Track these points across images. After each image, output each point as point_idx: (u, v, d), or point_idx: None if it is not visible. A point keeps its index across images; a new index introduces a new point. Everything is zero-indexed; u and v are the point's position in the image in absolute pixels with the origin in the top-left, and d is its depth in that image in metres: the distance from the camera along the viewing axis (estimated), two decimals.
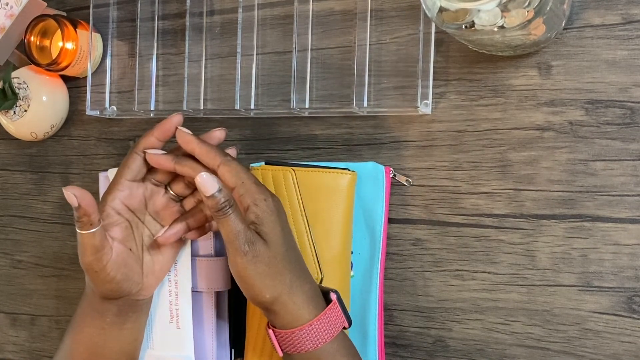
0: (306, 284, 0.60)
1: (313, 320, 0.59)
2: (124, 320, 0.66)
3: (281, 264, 0.59)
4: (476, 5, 0.52)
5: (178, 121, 0.65)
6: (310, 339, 0.58)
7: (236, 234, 0.58)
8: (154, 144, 0.65)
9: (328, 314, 0.60)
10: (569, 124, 0.64)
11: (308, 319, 0.59)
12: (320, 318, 0.59)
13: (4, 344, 0.92)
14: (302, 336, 0.59)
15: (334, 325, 0.60)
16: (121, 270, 0.63)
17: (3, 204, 0.92)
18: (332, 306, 0.60)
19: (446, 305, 0.69)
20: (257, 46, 0.76)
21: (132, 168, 0.65)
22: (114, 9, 0.83)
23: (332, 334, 0.59)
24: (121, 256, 0.64)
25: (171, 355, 0.70)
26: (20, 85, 0.84)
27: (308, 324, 0.59)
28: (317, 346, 0.59)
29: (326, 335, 0.59)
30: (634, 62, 0.62)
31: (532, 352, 0.65)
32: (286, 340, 0.60)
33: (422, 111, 0.68)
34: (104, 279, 0.63)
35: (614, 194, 0.63)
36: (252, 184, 0.61)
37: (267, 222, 0.59)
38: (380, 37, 0.71)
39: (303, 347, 0.59)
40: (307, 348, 0.59)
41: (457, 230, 0.68)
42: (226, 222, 0.58)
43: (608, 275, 0.63)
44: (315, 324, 0.59)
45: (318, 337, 0.59)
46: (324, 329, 0.59)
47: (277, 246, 0.59)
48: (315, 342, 0.59)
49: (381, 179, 0.69)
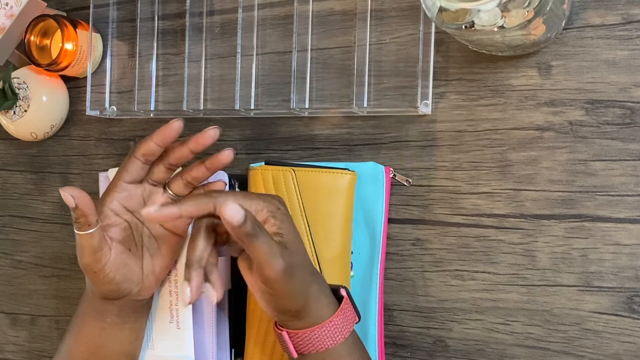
0: (323, 282, 0.61)
1: (332, 317, 0.59)
2: (124, 321, 0.66)
3: (307, 269, 0.59)
4: (476, 5, 0.52)
5: (178, 127, 0.64)
6: (330, 335, 0.58)
7: (270, 254, 0.55)
8: (153, 149, 0.65)
9: (344, 309, 0.60)
10: (569, 124, 0.64)
11: (328, 317, 0.59)
12: (338, 314, 0.59)
13: (4, 344, 0.92)
14: (322, 334, 0.58)
15: (350, 321, 0.60)
16: (120, 271, 0.63)
17: (3, 204, 0.92)
18: (345, 301, 0.60)
19: (446, 305, 0.69)
20: (257, 46, 0.76)
21: (130, 171, 0.65)
22: (114, 9, 0.83)
23: (349, 329, 0.60)
24: (120, 257, 0.63)
25: (171, 355, 0.70)
26: (20, 85, 0.84)
27: (328, 321, 0.58)
28: (336, 343, 0.59)
29: (344, 331, 0.59)
30: (634, 62, 0.62)
31: (532, 352, 0.65)
32: (304, 340, 0.59)
33: (422, 111, 0.68)
34: (103, 279, 0.63)
35: (614, 194, 0.63)
36: (255, 197, 0.59)
37: (288, 231, 0.58)
38: (380, 37, 0.71)
39: (322, 345, 0.58)
40: (327, 345, 0.58)
41: (457, 230, 0.68)
42: (258, 245, 0.55)
43: (608, 275, 0.63)
44: (334, 321, 0.59)
45: (337, 334, 0.59)
46: (341, 325, 0.59)
47: (300, 252, 0.59)
48: (334, 339, 0.59)
49: (381, 179, 0.69)
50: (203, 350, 0.70)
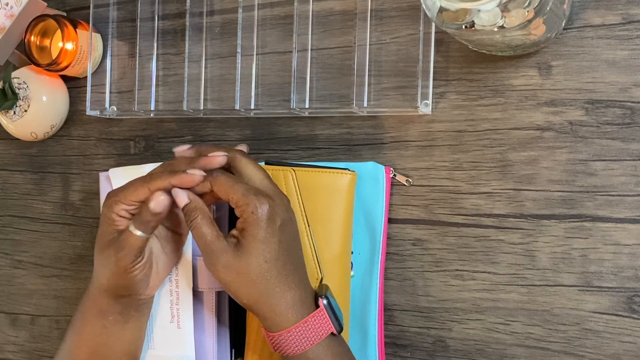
0: (289, 291, 0.61)
1: (291, 327, 0.60)
2: (126, 319, 0.66)
3: (255, 274, 0.60)
4: (476, 5, 0.52)
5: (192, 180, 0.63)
6: (291, 343, 0.60)
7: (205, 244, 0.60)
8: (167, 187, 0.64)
9: (310, 321, 0.60)
10: (569, 124, 0.64)
11: (287, 326, 0.60)
12: (299, 325, 0.60)
13: (4, 344, 0.92)
14: (282, 341, 0.60)
15: (318, 332, 0.61)
16: (144, 271, 0.64)
17: (3, 204, 0.92)
18: (316, 313, 0.61)
19: (446, 305, 0.69)
20: (257, 46, 0.76)
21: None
22: (114, 9, 0.83)
23: (316, 339, 0.60)
24: (149, 258, 0.65)
25: (172, 355, 0.70)
26: (20, 85, 0.84)
27: (286, 330, 0.60)
28: (300, 350, 0.60)
29: (308, 341, 0.60)
30: (634, 62, 0.62)
31: (532, 352, 0.65)
32: (272, 342, 0.61)
33: (422, 111, 0.68)
34: (131, 278, 0.63)
35: (614, 194, 0.63)
36: (245, 193, 0.61)
37: (248, 234, 0.60)
38: (380, 37, 0.71)
39: (287, 350, 0.60)
40: (291, 351, 0.60)
41: (457, 230, 0.68)
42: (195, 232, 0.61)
43: (608, 275, 0.63)
44: (293, 331, 0.60)
45: (299, 342, 0.60)
46: (304, 335, 0.60)
47: (252, 257, 0.60)
48: (297, 347, 0.60)
49: (381, 179, 0.69)
50: (204, 350, 0.70)
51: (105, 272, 0.64)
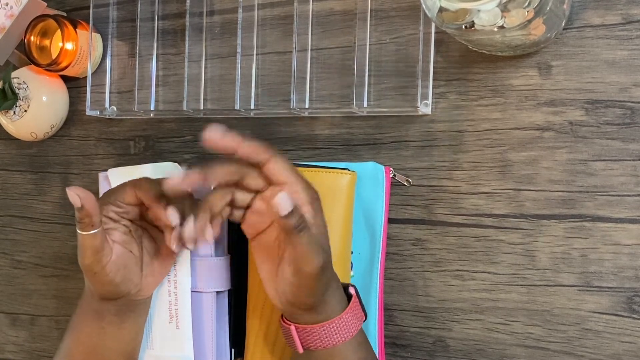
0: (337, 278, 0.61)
1: (342, 314, 0.59)
2: (123, 320, 0.66)
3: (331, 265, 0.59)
4: (476, 5, 0.52)
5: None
6: (339, 332, 0.58)
7: (312, 250, 0.56)
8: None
9: (353, 307, 0.60)
10: (569, 124, 0.64)
11: (338, 313, 0.59)
12: (347, 312, 0.59)
13: (4, 344, 0.92)
14: (331, 330, 0.58)
15: (358, 319, 0.60)
16: (120, 272, 0.63)
17: (3, 204, 0.92)
18: (354, 299, 0.61)
19: (446, 305, 0.69)
20: (257, 46, 0.76)
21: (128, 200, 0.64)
22: (114, 9, 0.83)
23: (357, 327, 0.60)
24: (121, 258, 0.63)
25: (170, 355, 0.70)
26: (20, 85, 0.84)
27: (338, 317, 0.59)
28: (344, 340, 0.59)
29: (352, 329, 0.59)
30: (634, 62, 0.62)
31: (532, 352, 0.65)
32: (313, 336, 0.59)
33: (422, 111, 0.68)
34: (103, 280, 0.63)
35: (614, 194, 0.63)
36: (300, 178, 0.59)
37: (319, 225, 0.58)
38: (380, 37, 0.71)
39: (330, 341, 0.59)
40: (335, 342, 0.59)
41: (457, 230, 0.68)
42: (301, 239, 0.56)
43: (608, 275, 0.63)
44: (344, 318, 0.59)
45: (345, 331, 0.59)
46: (350, 322, 0.59)
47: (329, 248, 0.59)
48: (342, 336, 0.59)
49: (381, 179, 0.69)
50: (203, 351, 0.70)
51: (85, 278, 0.65)
